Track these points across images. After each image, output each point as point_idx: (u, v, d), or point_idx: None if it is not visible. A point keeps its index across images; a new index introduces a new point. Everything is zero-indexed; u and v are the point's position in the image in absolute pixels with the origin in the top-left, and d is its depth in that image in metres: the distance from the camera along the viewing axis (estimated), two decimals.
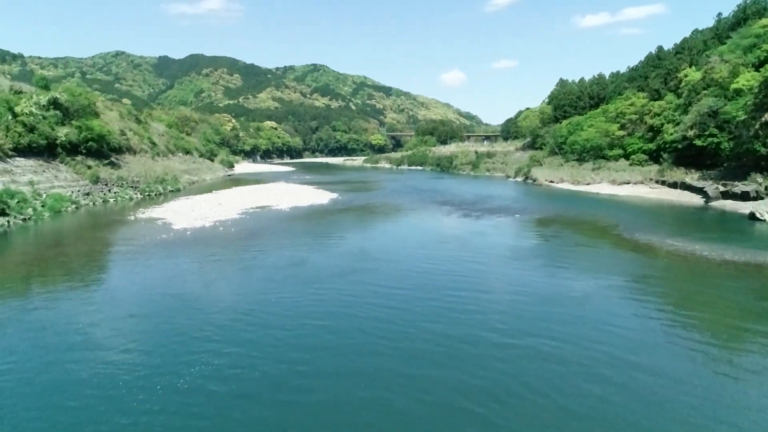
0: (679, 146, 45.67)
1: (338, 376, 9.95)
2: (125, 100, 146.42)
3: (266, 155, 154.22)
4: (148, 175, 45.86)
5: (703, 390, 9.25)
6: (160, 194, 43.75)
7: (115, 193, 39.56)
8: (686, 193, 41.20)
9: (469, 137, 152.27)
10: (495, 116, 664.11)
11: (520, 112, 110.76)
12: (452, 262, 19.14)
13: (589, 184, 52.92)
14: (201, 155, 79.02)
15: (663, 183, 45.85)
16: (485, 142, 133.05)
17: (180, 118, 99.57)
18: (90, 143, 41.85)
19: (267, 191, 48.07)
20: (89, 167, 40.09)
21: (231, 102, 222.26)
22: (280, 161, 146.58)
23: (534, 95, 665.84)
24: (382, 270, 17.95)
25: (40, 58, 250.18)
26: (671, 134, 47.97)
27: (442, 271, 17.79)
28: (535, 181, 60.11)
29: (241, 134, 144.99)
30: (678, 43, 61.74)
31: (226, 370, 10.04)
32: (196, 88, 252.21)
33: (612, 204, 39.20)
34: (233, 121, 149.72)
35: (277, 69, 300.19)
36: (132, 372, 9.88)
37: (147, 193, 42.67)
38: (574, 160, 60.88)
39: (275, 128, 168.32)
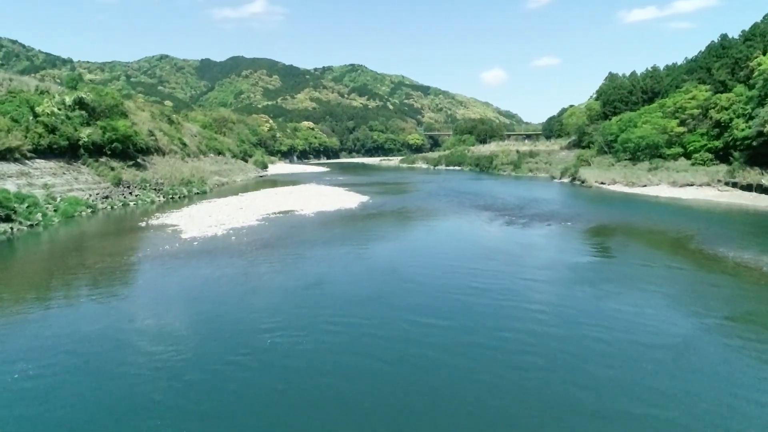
0: (753, 143, 40.68)
1: None
2: (167, 102, 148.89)
3: (303, 156, 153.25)
4: (173, 176, 43.96)
5: None
6: (184, 197, 41.71)
7: (136, 196, 37.66)
8: (764, 196, 36.38)
9: (509, 136, 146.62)
10: (536, 115, 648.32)
11: (563, 110, 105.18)
12: (500, 282, 15.73)
13: (645, 186, 48.13)
14: (234, 156, 77.63)
15: (734, 185, 40.92)
16: (526, 140, 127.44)
17: (217, 119, 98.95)
18: (114, 144, 40.21)
19: (295, 194, 45.50)
20: (112, 169, 38.44)
21: (269, 103, 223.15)
22: (316, 161, 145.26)
23: (577, 93, 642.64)
24: (415, 293, 14.79)
25: (88, 62, 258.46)
26: (743, 130, 42.89)
27: (488, 295, 14.44)
28: (583, 182, 55.38)
29: (278, 135, 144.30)
30: (746, 29, 55.76)
31: None
32: (236, 89, 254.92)
33: (676, 209, 34.63)
34: (270, 121, 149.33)
35: (316, 70, 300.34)
36: None
37: (170, 196, 40.64)
38: (626, 159, 56.00)
39: (312, 128, 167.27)
